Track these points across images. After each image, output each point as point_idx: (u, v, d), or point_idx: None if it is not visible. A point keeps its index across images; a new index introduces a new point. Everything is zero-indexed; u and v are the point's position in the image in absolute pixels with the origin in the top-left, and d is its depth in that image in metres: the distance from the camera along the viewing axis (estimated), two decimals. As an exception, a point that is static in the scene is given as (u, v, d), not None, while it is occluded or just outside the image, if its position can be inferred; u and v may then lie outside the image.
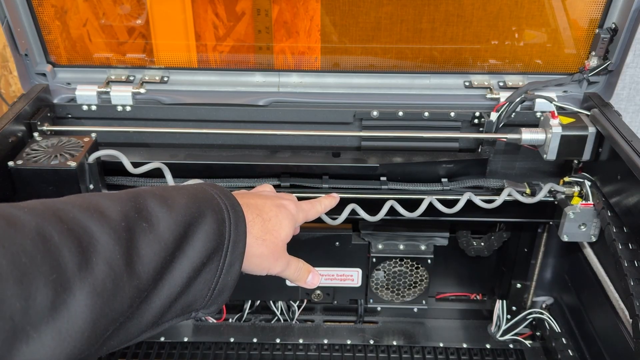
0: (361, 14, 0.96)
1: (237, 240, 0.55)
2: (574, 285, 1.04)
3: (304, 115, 0.98)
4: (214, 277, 0.54)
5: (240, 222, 0.57)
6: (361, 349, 1.08)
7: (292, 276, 0.67)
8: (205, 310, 0.56)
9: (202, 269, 0.52)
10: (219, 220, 0.54)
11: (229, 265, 0.55)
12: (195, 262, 0.51)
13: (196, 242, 0.52)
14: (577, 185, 0.93)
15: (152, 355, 1.06)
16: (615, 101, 0.98)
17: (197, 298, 0.53)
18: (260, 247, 0.61)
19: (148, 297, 0.48)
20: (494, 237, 1.05)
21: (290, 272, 0.67)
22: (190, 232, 0.52)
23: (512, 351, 1.08)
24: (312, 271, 0.70)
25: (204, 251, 0.52)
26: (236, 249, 0.55)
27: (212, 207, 0.55)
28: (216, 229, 0.53)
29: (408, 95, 1.01)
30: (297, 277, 0.68)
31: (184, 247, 0.51)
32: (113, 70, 1.01)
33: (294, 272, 0.67)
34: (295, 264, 0.67)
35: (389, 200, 0.89)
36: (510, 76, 1.01)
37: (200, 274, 0.52)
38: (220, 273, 0.54)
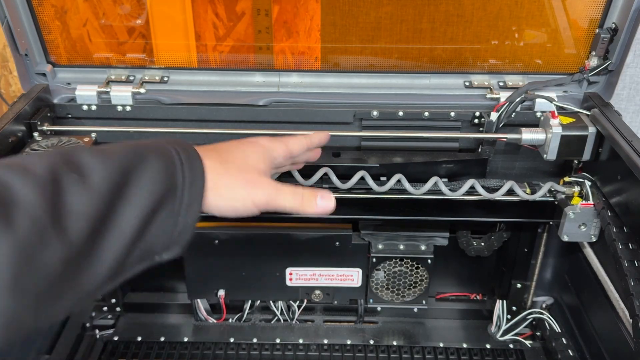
0: (361, 14, 0.96)
1: (194, 179, 0.53)
2: (574, 285, 1.04)
3: (304, 115, 0.98)
4: (171, 220, 0.52)
5: (194, 161, 0.54)
6: (361, 349, 1.08)
7: (290, 203, 0.60)
8: (169, 252, 0.54)
9: (155, 215, 0.50)
10: (166, 162, 0.52)
11: (188, 205, 0.53)
12: (143, 209, 0.49)
13: (140, 189, 0.49)
14: (577, 185, 0.93)
15: (152, 355, 1.06)
16: (615, 101, 0.98)
17: (155, 243, 0.52)
18: (224, 177, 0.57)
19: (93, 250, 0.46)
20: (494, 237, 1.05)
21: (284, 199, 0.59)
22: (131, 179, 0.49)
23: (512, 351, 1.08)
24: (322, 193, 0.61)
25: (151, 196, 0.50)
26: (194, 189, 0.53)
27: (156, 151, 0.53)
28: (163, 171, 0.51)
29: (408, 95, 1.01)
30: (299, 204, 0.60)
31: (125, 196, 0.48)
32: (113, 70, 1.01)
33: (290, 199, 0.60)
34: (291, 188, 0.60)
35: (397, 174, 0.89)
36: (510, 76, 1.01)
37: (153, 220, 0.50)
38: (177, 215, 0.52)
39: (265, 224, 1.01)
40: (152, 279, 1.14)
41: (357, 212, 0.95)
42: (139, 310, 1.14)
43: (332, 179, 0.89)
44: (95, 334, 1.09)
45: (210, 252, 1.02)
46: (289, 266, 1.04)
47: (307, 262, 1.03)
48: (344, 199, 0.92)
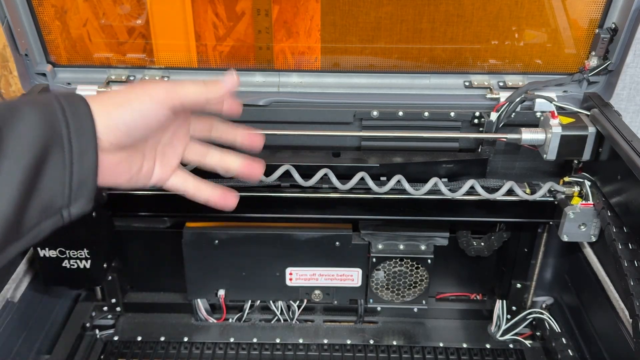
0: (361, 14, 0.96)
1: (81, 125, 0.51)
2: (574, 285, 1.04)
3: (304, 115, 0.98)
4: (64, 171, 0.50)
5: (79, 107, 0.52)
6: (361, 349, 1.08)
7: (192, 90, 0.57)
8: (75, 206, 0.52)
9: (42, 167, 0.49)
10: (44, 112, 0.50)
11: (80, 154, 0.51)
12: (24, 162, 0.47)
13: (14, 142, 0.47)
14: (577, 185, 0.93)
15: (152, 355, 1.06)
16: (615, 101, 0.98)
17: (52, 196, 0.50)
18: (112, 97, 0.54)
19: None
20: (494, 237, 1.05)
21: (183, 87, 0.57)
22: (5, 133, 0.47)
23: (512, 351, 1.08)
24: (221, 77, 0.59)
25: (30, 148, 0.48)
26: (83, 136, 0.51)
27: (33, 103, 0.50)
28: (42, 121, 0.49)
29: (408, 95, 1.01)
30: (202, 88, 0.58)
31: (1, 152, 0.47)
32: (113, 70, 1.02)
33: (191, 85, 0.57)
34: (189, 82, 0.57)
35: (396, 175, 0.89)
36: (510, 76, 1.01)
37: (41, 173, 0.49)
38: (70, 165, 0.50)
39: (265, 224, 1.02)
40: (152, 279, 1.14)
41: (357, 212, 0.95)
42: (139, 310, 1.14)
43: (332, 180, 0.89)
44: (95, 333, 1.09)
45: (210, 252, 1.02)
46: (289, 266, 1.04)
47: (307, 262, 1.03)
48: (344, 199, 0.93)
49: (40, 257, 0.93)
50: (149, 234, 1.05)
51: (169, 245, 1.06)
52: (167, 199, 0.94)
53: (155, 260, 1.11)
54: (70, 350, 1.02)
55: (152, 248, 1.09)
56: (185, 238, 1.01)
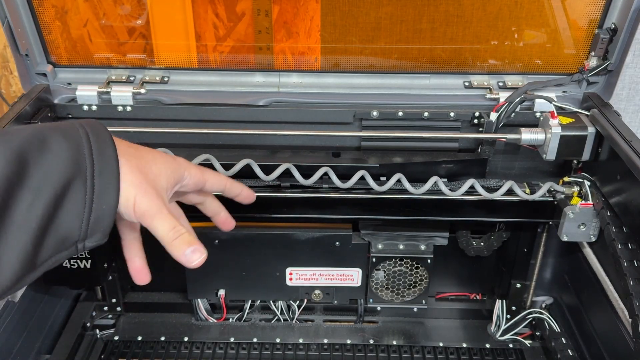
0: (361, 15, 0.96)
1: (104, 167, 0.51)
2: (574, 285, 1.05)
3: (304, 115, 0.99)
4: (83, 207, 0.50)
5: (106, 147, 0.52)
6: (361, 348, 1.08)
7: (164, 235, 0.58)
8: (91, 239, 0.52)
9: (62, 201, 0.49)
10: (71, 147, 0.50)
11: (101, 192, 0.51)
12: (46, 196, 0.47)
13: (39, 175, 0.47)
14: (576, 185, 0.93)
15: (153, 354, 1.06)
16: (614, 101, 0.98)
17: (69, 230, 0.50)
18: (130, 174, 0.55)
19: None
20: (493, 237, 1.05)
21: (161, 225, 0.57)
22: (30, 165, 0.47)
23: (511, 351, 1.08)
24: (196, 245, 0.60)
25: (54, 183, 0.48)
26: (104, 175, 0.51)
27: (59, 133, 0.50)
28: (67, 156, 0.49)
29: (408, 96, 1.01)
30: (171, 241, 0.58)
31: (25, 183, 0.47)
32: (113, 70, 1.02)
33: (167, 230, 0.58)
34: (173, 221, 0.58)
35: (396, 174, 0.89)
36: (510, 76, 1.01)
37: (61, 207, 0.49)
38: (90, 203, 0.50)
39: (265, 224, 1.02)
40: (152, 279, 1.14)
41: (357, 212, 0.95)
42: (139, 310, 1.14)
43: (332, 179, 0.89)
44: (95, 333, 1.09)
45: (210, 252, 1.01)
46: (289, 266, 1.04)
47: (307, 262, 1.03)
48: (344, 199, 0.93)
49: (41, 257, 0.93)
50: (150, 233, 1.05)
51: (169, 245, 1.06)
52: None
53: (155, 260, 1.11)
54: (71, 350, 1.02)
55: (153, 248, 1.09)
56: (186, 238, 1.01)
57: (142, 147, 0.60)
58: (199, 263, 0.60)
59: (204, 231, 1.01)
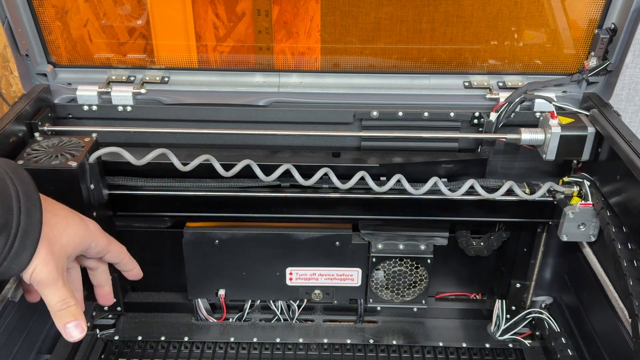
0: (361, 15, 0.96)
1: (29, 229, 0.52)
2: (574, 285, 1.05)
3: (304, 115, 0.99)
4: None
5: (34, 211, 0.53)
6: (361, 348, 1.08)
7: (53, 304, 0.59)
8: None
9: None
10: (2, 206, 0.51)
11: (16, 253, 0.52)
12: None
13: None
14: (576, 185, 0.93)
15: (153, 354, 1.06)
16: (614, 101, 0.98)
17: None
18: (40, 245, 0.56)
19: None
20: (493, 237, 1.05)
21: (53, 295, 0.59)
22: None
23: (511, 351, 1.08)
24: (79, 321, 0.61)
25: None
26: (27, 238, 0.52)
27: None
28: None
29: (408, 96, 1.01)
30: (57, 311, 0.60)
31: None
32: (114, 70, 1.02)
33: (56, 301, 0.59)
34: (65, 293, 0.59)
35: (396, 174, 0.89)
36: (510, 76, 1.01)
37: None
38: (3, 260, 0.51)
39: (265, 224, 1.02)
40: (152, 279, 1.14)
41: (357, 212, 0.95)
42: (140, 310, 1.14)
43: (332, 179, 0.89)
44: (95, 333, 1.09)
45: (210, 252, 1.02)
46: (289, 266, 1.04)
47: (307, 262, 1.03)
48: (344, 199, 0.93)
49: (41, 257, 0.93)
50: (150, 233, 1.05)
51: (170, 245, 1.06)
52: (168, 199, 0.94)
53: (155, 260, 1.11)
54: (71, 350, 1.02)
55: (153, 248, 1.09)
56: (186, 238, 1.01)
57: (59, 209, 0.60)
58: (78, 339, 0.62)
59: (204, 231, 1.01)
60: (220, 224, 1.02)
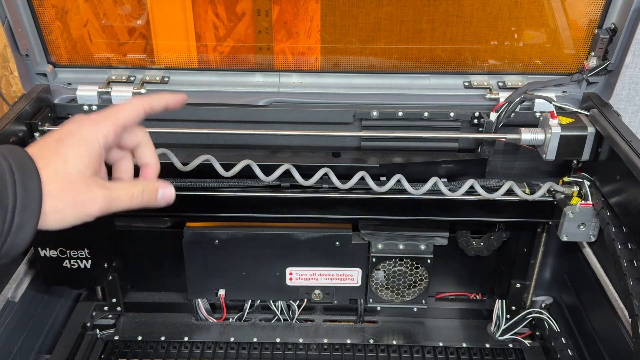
0: (361, 15, 0.96)
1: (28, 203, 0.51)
2: (573, 285, 1.05)
3: (304, 115, 0.99)
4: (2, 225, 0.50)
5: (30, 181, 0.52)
6: (361, 348, 1.08)
7: (131, 206, 0.58)
8: None
9: None
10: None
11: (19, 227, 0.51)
12: None
13: None
14: (576, 185, 0.93)
15: (153, 354, 1.06)
16: (614, 101, 0.98)
17: None
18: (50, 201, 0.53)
19: None
20: (493, 237, 1.05)
21: (122, 203, 0.57)
22: None
23: (511, 350, 1.08)
24: (161, 187, 0.60)
25: None
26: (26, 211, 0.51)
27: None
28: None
29: (408, 96, 1.01)
30: (139, 204, 0.59)
31: None
32: (114, 70, 1.02)
33: (128, 201, 0.57)
34: (127, 191, 0.58)
35: (396, 175, 0.89)
36: (510, 76, 1.01)
37: None
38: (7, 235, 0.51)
39: (265, 224, 1.02)
40: (152, 279, 1.14)
41: (357, 212, 0.95)
42: (140, 310, 1.14)
43: (332, 179, 0.89)
44: (95, 333, 1.09)
45: (210, 252, 1.02)
46: (289, 266, 1.04)
47: (307, 262, 1.03)
48: (344, 199, 0.93)
49: (41, 257, 0.93)
50: (150, 233, 1.06)
51: (169, 245, 1.06)
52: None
53: (155, 260, 1.11)
54: (71, 349, 1.02)
55: (153, 248, 1.09)
56: (186, 238, 1.01)
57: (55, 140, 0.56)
58: (173, 195, 0.62)
59: (204, 231, 1.01)
60: (220, 224, 1.02)
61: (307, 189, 0.92)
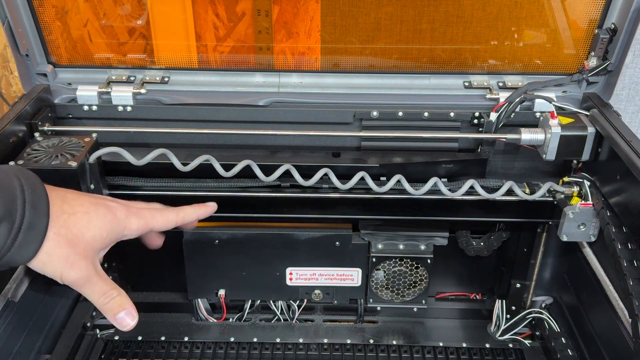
0: (361, 15, 0.96)
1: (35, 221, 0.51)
2: (574, 285, 1.05)
3: (304, 115, 0.99)
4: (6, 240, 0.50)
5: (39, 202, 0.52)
6: (361, 348, 1.08)
7: (95, 300, 0.58)
8: None
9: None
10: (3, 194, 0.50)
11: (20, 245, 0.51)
12: None
13: None
14: (576, 185, 0.93)
15: (153, 354, 1.06)
16: (614, 101, 0.98)
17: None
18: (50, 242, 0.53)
19: None
20: (493, 237, 1.05)
21: (92, 292, 0.57)
22: None
23: (511, 351, 1.08)
24: (128, 309, 0.60)
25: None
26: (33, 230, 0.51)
27: None
28: None
29: (408, 96, 1.01)
30: (102, 305, 0.58)
31: None
32: (114, 70, 1.02)
33: (98, 296, 0.58)
34: (103, 287, 0.58)
35: (396, 175, 0.89)
36: (510, 76, 1.01)
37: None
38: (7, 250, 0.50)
39: (265, 224, 1.02)
40: (152, 279, 1.14)
41: (357, 212, 0.95)
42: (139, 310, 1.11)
43: (332, 179, 0.89)
44: (95, 333, 1.09)
45: (210, 252, 1.02)
46: (289, 266, 1.04)
47: (307, 262, 1.03)
48: (344, 199, 0.93)
49: (41, 257, 0.93)
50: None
51: (169, 245, 1.06)
52: (167, 198, 0.94)
53: (155, 260, 1.11)
54: (71, 350, 1.02)
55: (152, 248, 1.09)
56: (186, 238, 1.01)
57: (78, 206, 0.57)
58: (131, 326, 0.61)
59: (204, 231, 1.01)
60: (220, 224, 1.02)
61: (307, 189, 0.92)
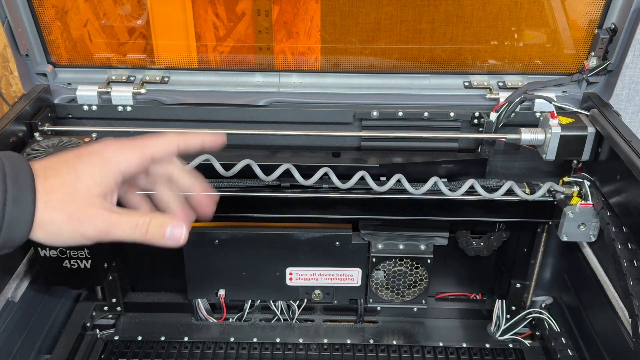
0: (361, 15, 0.96)
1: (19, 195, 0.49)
2: (574, 285, 1.05)
3: (304, 115, 0.99)
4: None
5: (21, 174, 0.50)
6: (361, 348, 1.08)
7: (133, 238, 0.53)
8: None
9: None
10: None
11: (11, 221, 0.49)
12: None
13: None
14: (576, 185, 0.93)
15: (153, 354, 1.06)
16: (614, 101, 0.98)
17: None
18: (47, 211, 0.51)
19: None
20: (493, 237, 1.05)
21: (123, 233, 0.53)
22: None
23: (511, 351, 1.08)
24: (172, 222, 0.54)
25: None
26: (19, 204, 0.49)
27: None
28: None
29: (408, 96, 1.01)
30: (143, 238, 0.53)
31: None
32: (114, 70, 1.02)
33: (131, 232, 0.53)
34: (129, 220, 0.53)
35: (396, 174, 0.89)
36: (510, 76, 1.01)
37: None
38: None
39: (265, 224, 1.02)
40: (152, 279, 1.14)
41: (357, 212, 0.95)
42: (140, 310, 1.14)
43: (332, 179, 0.89)
44: (95, 333, 1.09)
45: (210, 252, 1.02)
46: (289, 266, 1.04)
47: (307, 262, 1.03)
48: (344, 199, 0.93)
49: (41, 257, 0.93)
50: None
51: (170, 245, 1.06)
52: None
53: (155, 260, 1.11)
54: (71, 349, 1.02)
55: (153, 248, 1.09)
56: (186, 238, 1.01)
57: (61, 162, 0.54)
58: (185, 237, 0.55)
59: (204, 231, 1.01)
60: (220, 224, 1.02)
61: (307, 189, 0.92)
